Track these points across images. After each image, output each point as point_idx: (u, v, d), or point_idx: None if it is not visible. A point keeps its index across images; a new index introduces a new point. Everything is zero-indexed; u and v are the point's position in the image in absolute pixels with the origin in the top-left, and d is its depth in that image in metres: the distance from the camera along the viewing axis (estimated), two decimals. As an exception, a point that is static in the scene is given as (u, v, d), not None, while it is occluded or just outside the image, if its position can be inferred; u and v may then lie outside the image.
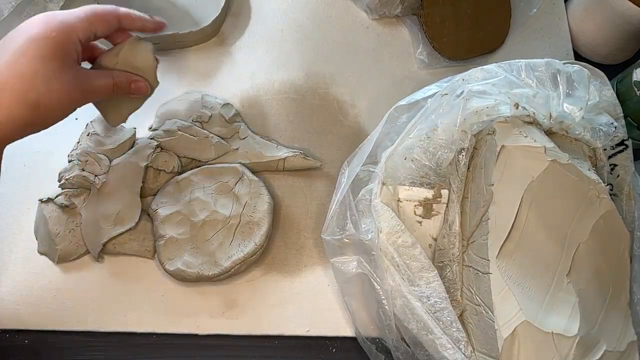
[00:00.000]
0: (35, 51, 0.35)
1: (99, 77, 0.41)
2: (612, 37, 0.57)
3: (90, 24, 0.39)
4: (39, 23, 0.37)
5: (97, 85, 0.40)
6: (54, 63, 0.36)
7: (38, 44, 0.36)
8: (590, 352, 0.38)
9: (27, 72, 0.35)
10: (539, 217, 0.40)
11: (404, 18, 0.60)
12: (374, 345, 0.45)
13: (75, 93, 0.38)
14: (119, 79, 0.42)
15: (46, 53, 0.36)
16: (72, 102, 0.39)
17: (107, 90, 0.41)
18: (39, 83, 0.36)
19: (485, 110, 0.41)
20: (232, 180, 0.49)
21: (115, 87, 0.42)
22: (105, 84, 0.41)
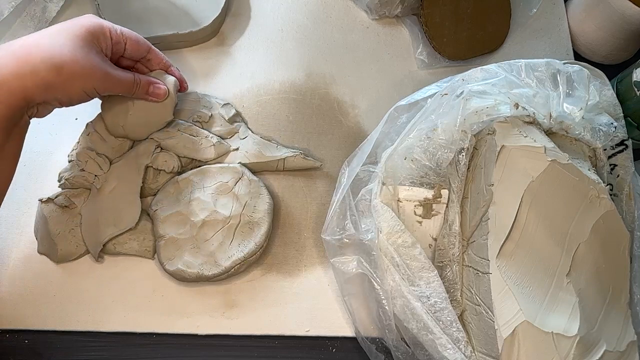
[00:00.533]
0: (69, 30, 0.40)
1: (122, 71, 0.44)
2: (612, 37, 0.57)
3: (124, 36, 0.44)
4: (79, 18, 0.42)
5: (118, 75, 0.43)
6: (83, 42, 0.40)
7: (74, 26, 0.40)
8: (590, 352, 0.38)
9: (57, 42, 0.39)
10: (539, 217, 0.40)
11: (404, 18, 0.60)
12: (374, 345, 0.45)
13: (98, 72, 0.41)
14: (140, 78, 0.46)
15: (79, 33, 0.40)
16: (93, 79, 0.41)
17: (127, 84, 0.44)
18: (66, 51, 0.39)
19: (485, 110, 0.41)
20: (232, 180, 0.49)
21: (136, 85, 0.45)
22: (126, 78, 0.44)
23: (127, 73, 0.45)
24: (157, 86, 0.47)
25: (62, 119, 0.53)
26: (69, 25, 0.41)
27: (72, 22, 0.41)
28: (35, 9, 0.55)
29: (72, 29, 0.40)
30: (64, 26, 0.41)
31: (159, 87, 0.47)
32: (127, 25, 0.54)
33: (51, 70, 0.38)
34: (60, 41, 0.39)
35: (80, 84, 0.41)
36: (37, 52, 0.38)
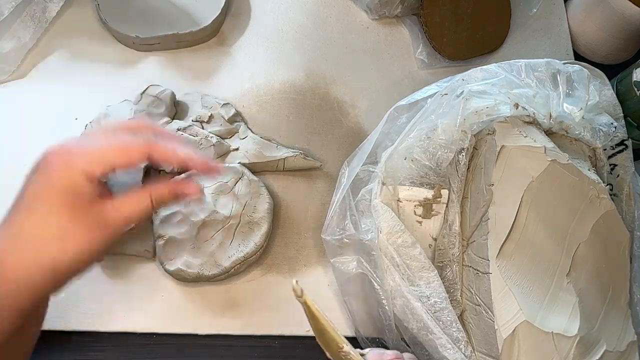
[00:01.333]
0: (41, 208, 0.31)
1: (129, 203, 0.34)
2: (612, 37, 0.57)
3: (104, 160, 0.32)
4: (52, 162, 0.32)
5: (125, 218, 0.34)
6: (63, 216, 0.31)
7: (43, 197, 0.31)
8: (590, 352, 0.38)
9: (35, 235, 0.31)
10: (539, 217, 0.40)
11: (404, 18, 0.60)
12: (374, 345, 0.45)
13: (96, 241, 0.32)
14: (158, 192, 0.35)
15: (52, 207, 0.31)
16: (94, 252, 0.33)
17: (140, 215, 0.35)
18: (50, 245, 0.31)
19: (485, 110, 0.41)
20: (232, 180, 0.49)
21: (156, 204, 0.35)
22: (137, 210, 0.34)
23: (138, 202, 0.34)
24: (184, 186, 0.37)
25: (62, 119, 0.53)
26: (40, 198, 0.31)
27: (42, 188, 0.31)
28: (35, 9, 0.55)
29: (45, 204, 0.31)
30: (35, 202, 0.31)
31: (186, 186, 0.37)
32: (128, 25, 0.55)
33: (43, 275, 0.31)
34: (39, 232, 0.30)
35: (81, 267, 0.33)
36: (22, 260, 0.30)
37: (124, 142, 0.33)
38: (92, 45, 0.57)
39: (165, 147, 0.34)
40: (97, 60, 0.56)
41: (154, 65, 0.56)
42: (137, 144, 0.33)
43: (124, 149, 0.33)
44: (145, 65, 0.56)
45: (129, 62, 0.56)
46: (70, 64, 0.56)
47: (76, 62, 0.56)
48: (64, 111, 0.54)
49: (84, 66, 0.56)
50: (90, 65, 0.56)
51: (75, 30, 0.57)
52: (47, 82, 0.55)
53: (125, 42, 0.56)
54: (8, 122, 0.53)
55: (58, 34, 0.57)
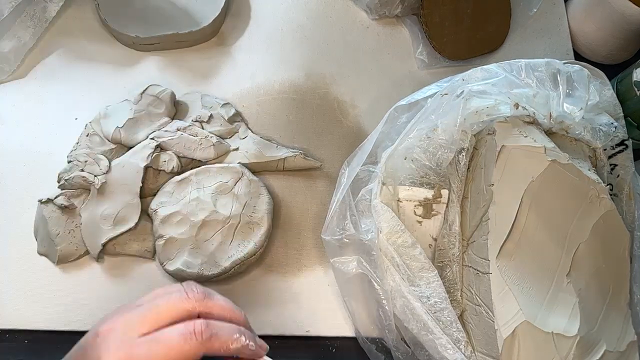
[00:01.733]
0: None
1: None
2: (612, 37, 0.57)
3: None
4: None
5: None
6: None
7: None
8: (590, 352, 0.38)
9: None
10: (539, 217, 0.40)
11: (404, 18, 0.60)
12: (374, 345, 0.45)
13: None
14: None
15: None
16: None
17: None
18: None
19: (485, 110, 0.41)
20: (232, 180, 0.49)
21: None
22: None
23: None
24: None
25: (62, 119, 0.53)
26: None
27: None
28: (35, 9, 0.55)
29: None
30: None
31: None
32: (128, 25, 0.55)
33: None
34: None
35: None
36: None
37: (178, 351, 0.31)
38: (92, 45, 0.57)
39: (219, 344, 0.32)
40: (97, 60, 0.56)
41: (154, 65, 0.56)
42: (191, 349, 0.31)
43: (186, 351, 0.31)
44: (145, 65, 0.56)
45: (129, 62, 0.56)
46: (70, 64, 0.56)
47: (76, 62, 0.56)
48: (64, 111, 0.54)
49: (84, 66, 0.56)
50: (90, 65, 0.56)
51: (75, 30, 0.57)
52: (47, 82, 0.55)
53: (125, 42, 0.56)
54: (8, 122, 0.53)
55: (58, 34, 0.57)
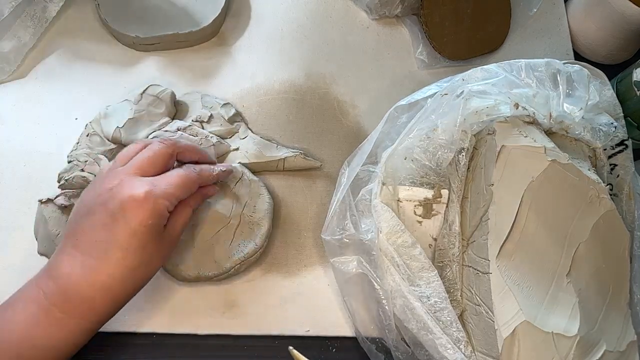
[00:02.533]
0: (138, 243, 0.37)
1: (180, 218, 0.41)
2: (612, 37, 0.57)
3: (177, 197, 0.40)
4: (138, 206, 0.37)
5: (180, 231, 0.42)
6: (151, 246, 0.38)
7: (139, 236, 0.37)
8: (590, 352, 0.38)
9: (133, 265, 0.38)
10: (539, 217, 0.40)
11: (404, 18, 0.60)
12: (374, 345, 0.45)
13: (166, 255, 0.41)
14: (196, 202, 0.44)
15: (144, 241, 0.38)
16: (161, 263, 0.41)
17: (187, 224, 0.43)
18: (142, 269, 0.39)
19: (485, 110, 0.41)
20: (232, 180, 0.49)
21: (194, 212, 0.44)
22: (186, 221, 0.42)
23: (184, 216, 0.42)
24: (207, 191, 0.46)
25: (62, 119, 0.53)
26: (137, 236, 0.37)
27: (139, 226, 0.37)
28: (35, 9, 0.55)
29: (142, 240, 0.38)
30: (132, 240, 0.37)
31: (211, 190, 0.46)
32: (128, 25, 0.55)
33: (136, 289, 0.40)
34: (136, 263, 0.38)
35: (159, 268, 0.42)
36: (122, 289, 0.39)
37: (188, 178, 0.41)
38: (92, 45, 0.57)
39: (209, 172, 0.44)
40: (97, 60, 0.56)
41: (154, 65, 0.56)
42: (195, 178, 0.42)
43: (189, 184, 0.41)
44: (145, 65, 0.56)
45: (129, 62, 0.56)
46: (70, 64, 0.56)
47: (76, 62, 0.56)
48: (64, 111, 0.54)
49: (84, 66, 0.56)
50: (90, 65, 0.56)
51: (75, 30, 0.57)
52: (47, 82, 0.55)
53: (125, 42, 0.56)
54: (8, 122, 0.53)
55: (58, 34, 0.57)
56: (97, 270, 0.37)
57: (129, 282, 0.38)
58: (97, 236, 0.37)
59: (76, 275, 0.37)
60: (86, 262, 0.37)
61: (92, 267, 0.37)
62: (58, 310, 0.36)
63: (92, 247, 0.37)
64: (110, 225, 0.37)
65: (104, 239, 0.37)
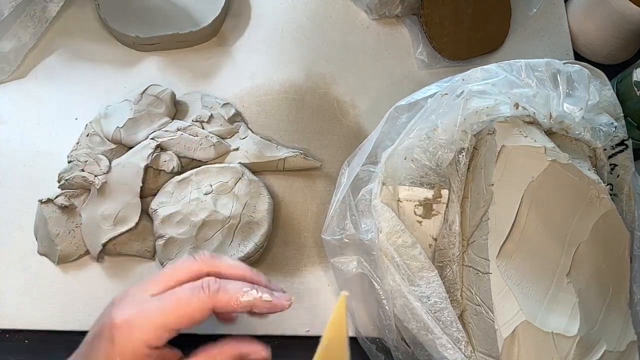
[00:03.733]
0: None
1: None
2: (612, 37, 0.57)
3: (166, 329, 0.31)
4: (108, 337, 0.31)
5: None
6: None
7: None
8: (590, 352, 0.38)
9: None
10: (539, 217, 0.40)
11: (404, 18, 0.60)
12: (374, 345, 0.45)
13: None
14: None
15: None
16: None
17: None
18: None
19: (485, 110, 0.41)
20: (232, 180, 0.49)
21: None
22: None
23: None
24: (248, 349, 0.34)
25: (62, 119, 0.53)
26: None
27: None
28: (35, 9, 0.55)
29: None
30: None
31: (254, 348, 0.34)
32: (128, 25, 0.55)
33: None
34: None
35: None
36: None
37: (187, 301, 0.31)
38: (92, 45, 0.57)
39: (227, 297, 0.32)
40: (97, 60, 0.56)
41: (154, 65, 0.56)
42: (200, 301, 0.31)
43: (187, 310, 0.31)
44: (145, 65, 0.56)
45: (129, 62, 0.56)
46: (70, 64, 0.56)
47: (76, 62, 0.56)
48: (64, 111, 0.54)
49: (84, 66, 0.56)
50: (90, 65, 0.56)
51: (75, 30, 0.57)
52: (47, 82, 0.55)
53: (125, 42, 0.56)
54: (8, 122, 0.53)
55: (58, 34, 0.57)
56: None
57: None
58: (80, 354, 0.33)
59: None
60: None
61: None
62: None
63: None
64: (88, 347, 0.32)
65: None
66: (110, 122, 0.50)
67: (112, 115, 0.50)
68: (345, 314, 0.30)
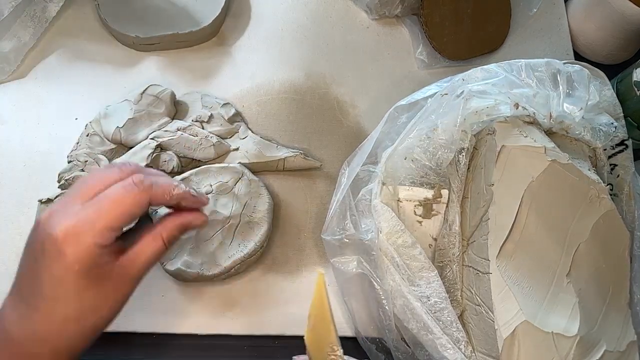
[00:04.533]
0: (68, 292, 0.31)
1: (143, 251, 0.34)
2: (612, 37, 0.57)
3: (111, 228, 0.32)
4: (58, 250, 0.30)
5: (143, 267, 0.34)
6: (91, 292, 0.32)
7: (67, 282, 0.31)
8: (590, 352, 0.38)
9: (72, 316, 0.32)
10: (539, 217, 0.40)
11: (404, 18, 0.60)
12: (374, 345, 0.45)
13: (124, 294, 0.34)
14: (169, 233, 0.35)
15: (79, 288, 0.31)
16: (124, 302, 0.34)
17: (156, 259, 0.35)
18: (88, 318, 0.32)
19: (485, 110, 0.41)
20: (232, 180, 0.49)
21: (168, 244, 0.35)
22: (152, 255, 0.34)
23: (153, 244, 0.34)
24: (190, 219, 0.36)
25: (62, 119, 0.53)
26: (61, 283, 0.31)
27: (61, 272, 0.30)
28: (35, 9, 0.55)
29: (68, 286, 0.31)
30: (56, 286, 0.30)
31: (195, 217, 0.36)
32: (128, 25, 0.55)
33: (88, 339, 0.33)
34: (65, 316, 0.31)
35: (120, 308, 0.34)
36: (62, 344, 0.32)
37: (123, 198, 0.32)
38: (92, 45, 0.57)
39: (162, 189, 0.34)
40: (97, 60, 0.56)
41: (154, 65, 0.56)
42: (135, 196, 0.32)
43: (125, 207, 0.32)
44: (145, 65, 0.56)
45: (129, 62, 0.56)
46: (70, 64, 0.56)
47: (76, 62, 0.56)
48: (64, 111, 0.54)
49: (84, 66, 0.56)
50: (90, 65, 0.56)
51: (75, 30, 0.57)
52: (47, 82, 0.55)
53: (125, 42, 0.56)
54: (8, 122, 0.53)
55: (58, 34, 0.57)
56: (33, 321, 0.31)
57: (74, 334, 0.32)
58: (26, 281, 0.32)
59: (16, 325, 0.32)
60: (22, 311, 0.32)
61: (28, 317, 0.31)
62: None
63: (25, 293, 0.32)
64: (35, 270, 0.31)
65: (32, 286, 0.31)
66: (110, 122, 0.50)
67: (112, 115, 0.50)
68: (325, 291, 0.31)
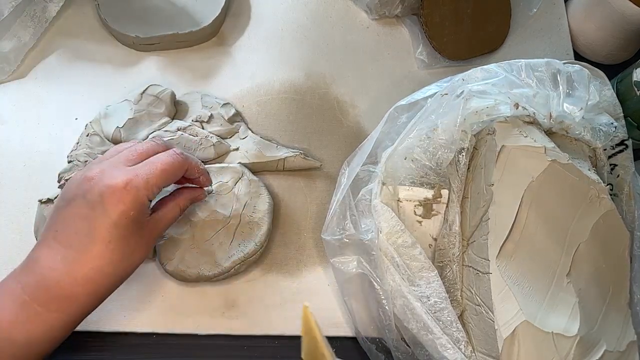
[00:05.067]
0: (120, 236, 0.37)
1: (166, 214, 0.42)
2: (612, 37, 0.57)
3: (158, 186, 0.39)
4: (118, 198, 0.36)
5: (164, 227, 0.42)
6: (133, 239, 0.38)
7: (121, 228, 0.37)
8: (590, 352, 0.38)
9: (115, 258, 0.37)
10: (539, 217, 0.40)
11: (404, 18, 0.60)
12: (374, 345, 0.45)
13: (149, 249, 0.41)
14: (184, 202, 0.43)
15: (129, 234, 0.37)
16: (147, 255, 0.41)
17: (173, 222, 0.43)
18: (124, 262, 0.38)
19: (485, 110, 0.41)
20: (232, 180, 0.49)
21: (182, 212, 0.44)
22: (172, 218, 0.42)
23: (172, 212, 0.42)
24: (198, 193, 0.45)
25: (62, 119, 0.53)
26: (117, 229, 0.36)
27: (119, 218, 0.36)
28: (35, 9, 0.55)
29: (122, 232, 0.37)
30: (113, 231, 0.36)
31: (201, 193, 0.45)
32: (128, 25, 0.55)
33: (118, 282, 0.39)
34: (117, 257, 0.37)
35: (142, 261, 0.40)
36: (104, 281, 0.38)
37: (172, 163, 0.40)
38: (92, 45, 0.57)
39: (195, 162, 0.42)
40: (97, 60, 0.56)
41: (154, 65, 0.56)
42: (180, 163, 0.40)
43: (172, 170, 0.40)
44: (145, 65, 0.56)
45: (129, 62, 0.56)
46: (70, 64, 0.56)
47: (76, 62, 0.56)
48: (64, 111, 0.54)
49: (84, 66, 0.56)
50: (90, 65, 0.56)
51: (75, 30, 0.57)
52: (47, 82, 0.55)
53: (125, 42, 0.56)
54: (8, 122, 0.53)
55: (58, 34, 0.57)
56: (78, 263, 0.36)
57: (112, 275, 0.38)
58: (77, 228, 0.36)
59: (57, 268, 0.36)
60: (67, 255, 0.36)
61: (74, 260, 0.36)
62: (38, 305, 0.35)
63: (73, 239, 0.36)
64: (91, 217, 0.36)
65: (85, 231, 0.36)
66: (110, 122, 0.50)
67: (112, 115, 0.51)
68: (313, 322, 0.33)
